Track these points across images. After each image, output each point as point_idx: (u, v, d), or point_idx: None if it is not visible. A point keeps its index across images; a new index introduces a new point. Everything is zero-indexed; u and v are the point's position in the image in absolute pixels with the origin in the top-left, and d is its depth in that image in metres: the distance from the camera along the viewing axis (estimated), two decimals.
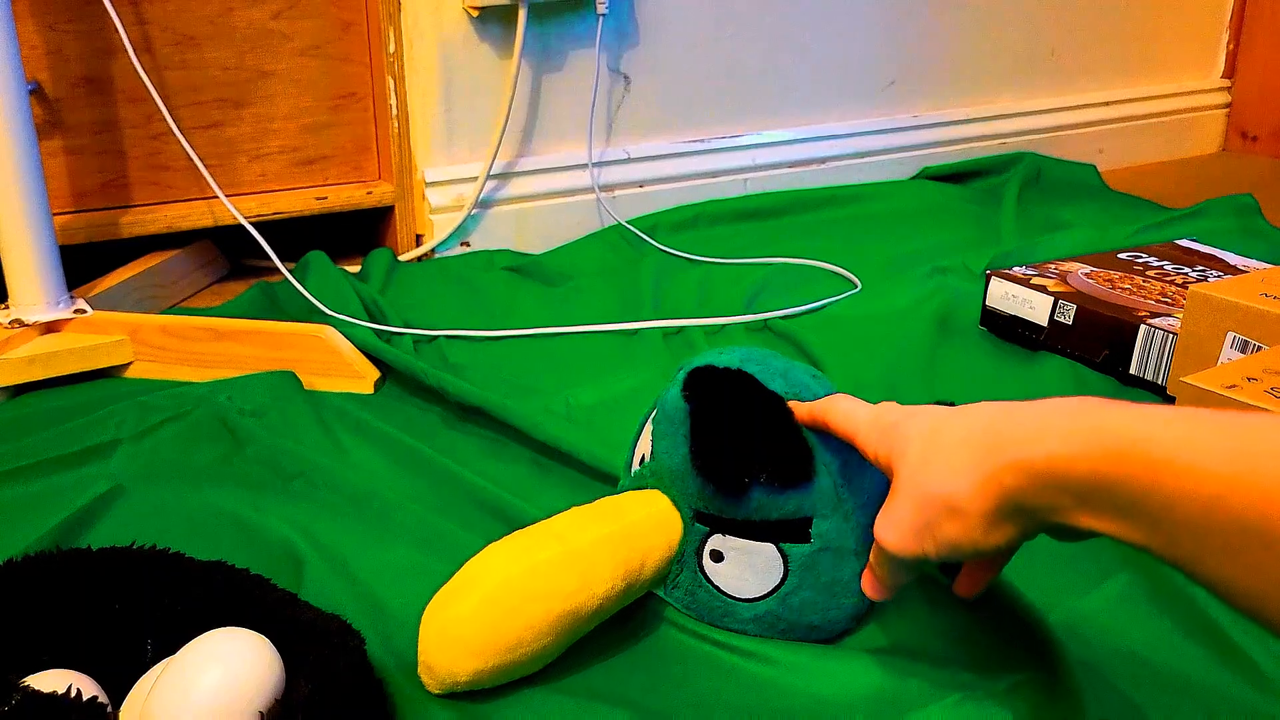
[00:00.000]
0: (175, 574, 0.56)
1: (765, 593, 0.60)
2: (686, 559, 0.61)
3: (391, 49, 1.20)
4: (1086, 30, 1.69)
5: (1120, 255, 1.11)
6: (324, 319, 1.01)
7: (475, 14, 1.23)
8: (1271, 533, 0.35)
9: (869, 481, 0.60)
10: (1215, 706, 0.57)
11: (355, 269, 1.22)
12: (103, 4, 1.03)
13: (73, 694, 0.46)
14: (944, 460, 0.49)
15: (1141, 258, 1.10)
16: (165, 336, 0.95)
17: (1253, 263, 1.09)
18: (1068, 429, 0.44)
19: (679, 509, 0.61)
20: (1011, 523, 0.47)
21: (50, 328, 0.95)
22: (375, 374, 0.94)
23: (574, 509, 0.62)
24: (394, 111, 1.23)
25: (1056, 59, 1.68)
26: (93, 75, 1.11)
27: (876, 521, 0.54)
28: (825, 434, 0.59)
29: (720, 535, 0.60)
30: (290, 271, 1.10)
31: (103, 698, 0.51)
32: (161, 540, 0.59)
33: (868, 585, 0.58)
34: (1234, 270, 1.07)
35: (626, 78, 1.36)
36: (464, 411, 0.89)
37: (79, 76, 1.10)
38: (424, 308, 1.12)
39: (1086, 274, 1.04)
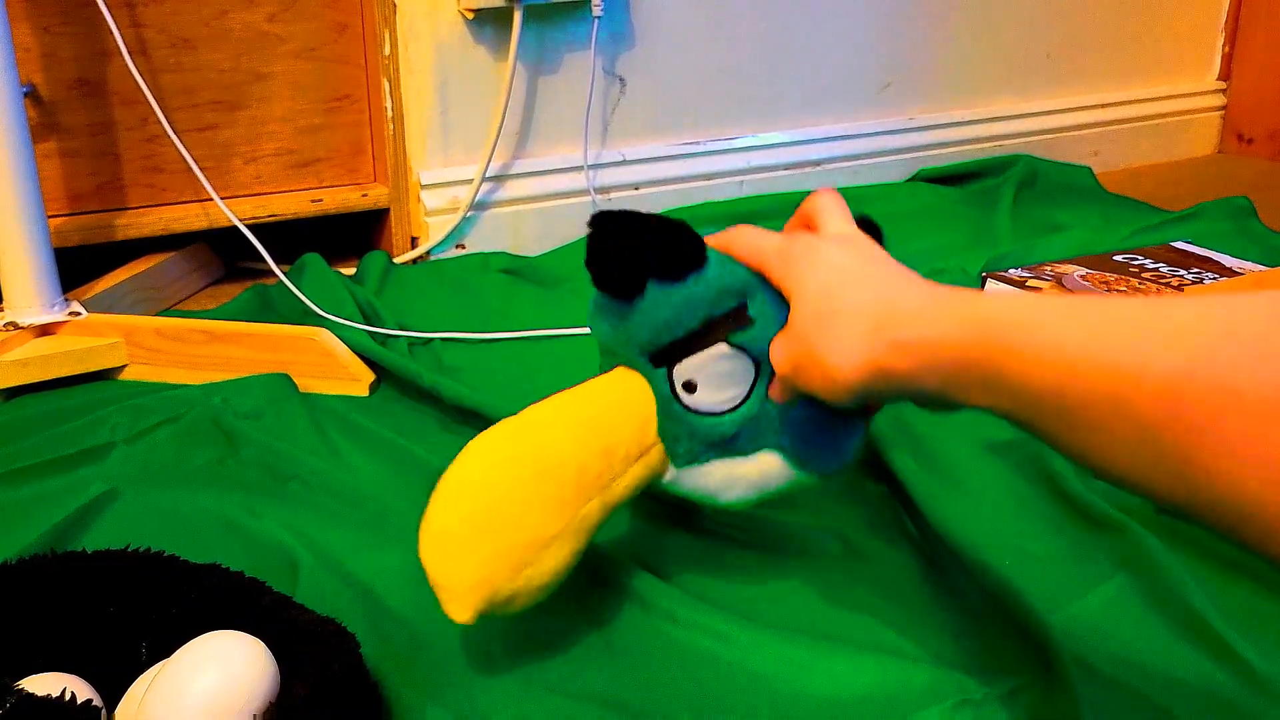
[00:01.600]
0: (170, 576, 0.56)
1: (747, 391, 0.60)
2: (672, 412, 0.60)
3: (387, 51, 1.20)
4: (1082, 33, 1.69)
5: (1116, 257, 1.11)
6: (319, 321, 1.01)
7: (470, 16, 1.23)
8: (1115, 405, 0.39)
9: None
10: (1210, 708, 0.57)
11: (350, 271, 1.21)
12: (97, 6, 1.03)
13: (67, 697, 0.46)
14: (833, 328, 0.53)
15: (1137, 260, 1.10)
16: (160, 339, 0.95)
17: (1248, 265, 1.09)
18: (943, 313, 0.48)
19: (637, 369, 0.60)
20: (873, 392, 0.52)
21: (45, 330, 0.95)
22: (370, 376, 0.94)
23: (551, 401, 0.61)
24: (389, 114, 1.22)
25: (1052, 61, 1.68)
26: (87, 78, 1.11)
27: (773, 342, 0.58)
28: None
29: (678, 365, 0.59)
30: (285, 274, 1.09)
31: (97, 701, 0.51)
32: (157, 543, 0.59)
33: (775, 386, 0.60)
34: (1229, 272, 1.07)
35: (622, 80, 1.36)
36: (459, 414, 0.88)
37: (74, 79, 1.10)
38: (419, 310, 1.12)
39: (1082, 276, 1.04)
